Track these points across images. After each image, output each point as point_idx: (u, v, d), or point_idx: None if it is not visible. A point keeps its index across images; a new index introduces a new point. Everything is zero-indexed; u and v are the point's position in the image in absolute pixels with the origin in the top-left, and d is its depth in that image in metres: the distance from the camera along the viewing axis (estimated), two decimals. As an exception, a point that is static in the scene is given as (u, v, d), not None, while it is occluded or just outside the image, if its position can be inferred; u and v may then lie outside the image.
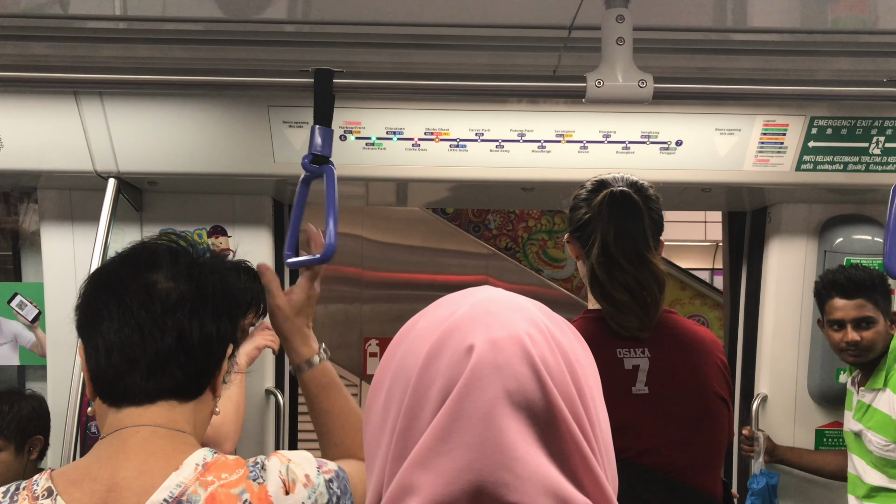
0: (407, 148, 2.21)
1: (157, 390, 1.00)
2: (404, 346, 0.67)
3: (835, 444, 2.63)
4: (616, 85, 1.39)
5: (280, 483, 0.98)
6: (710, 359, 1.63)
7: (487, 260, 6.15)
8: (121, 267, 1.05)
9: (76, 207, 2.45)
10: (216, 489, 0.94)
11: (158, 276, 1.02)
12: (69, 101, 2.12)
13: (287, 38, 2.02)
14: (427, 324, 0.67)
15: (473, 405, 0.60)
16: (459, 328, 0.64)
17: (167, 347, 1.00)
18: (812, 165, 2.27)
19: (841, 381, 2.54)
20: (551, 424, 0.61)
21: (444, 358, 0.63)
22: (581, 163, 2.24)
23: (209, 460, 0.97)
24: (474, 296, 0.68)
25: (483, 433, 0.59)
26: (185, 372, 1.01)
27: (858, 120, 2.21)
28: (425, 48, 2.01)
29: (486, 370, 0.61)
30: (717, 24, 1.99)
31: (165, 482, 0.93)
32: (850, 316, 2.27)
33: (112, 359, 0.99)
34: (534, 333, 0.64)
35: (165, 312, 1.00)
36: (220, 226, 2.51)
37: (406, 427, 0.62)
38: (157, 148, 2.20)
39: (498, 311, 0.65)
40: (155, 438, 0.98)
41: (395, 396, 0.65)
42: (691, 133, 2.22)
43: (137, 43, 2.06)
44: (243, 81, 1.61)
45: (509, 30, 1.80)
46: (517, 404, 0.60)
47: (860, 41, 2.06)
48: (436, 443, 0.60)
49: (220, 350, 1.05)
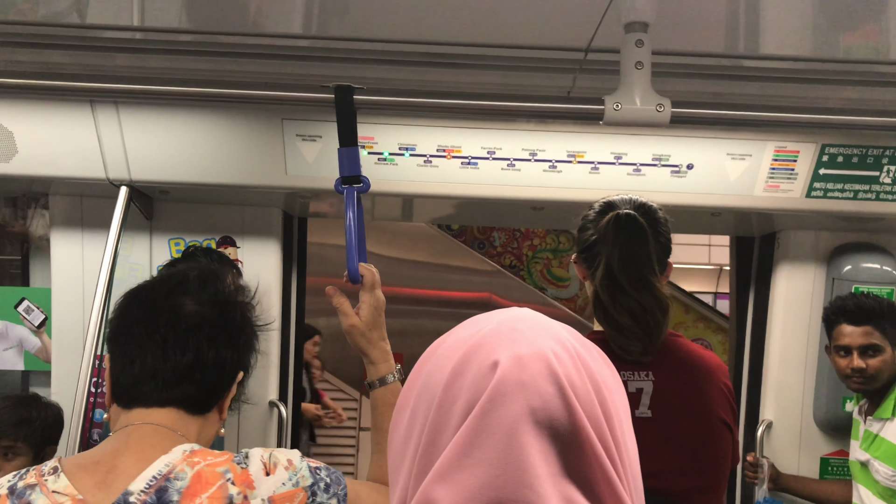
0: (419, 164, 2.22)
1: (168, 398, 1.10)
2: (430, 364, 0.67)
3: (839, 474, 2.62)
4: (634, 108, 1.40)
5: (261, 465, 1.05)
6: (715, 383, 1.62)
7: (491, 277, 6.15)
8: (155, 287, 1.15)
9: (87, 214, 2.45)
10: (202, 468, 1.02)
11: (186, 299, 1.13)
12: (85, 109, 2.13)
13: (302, 52, 2.04)
14: (453, 341, 0.67)
15: (496, 421, 0.59)
16: (485, 345, 0.63)
17: (185, 364, 1.10)
18: (822, 193, 2.27)
19: (847, 409, 2.53)
20: (575, 445, 0.59)
21: (469, 374, 0.62)
22: (592, 184, 2.24)
23: (197, 449, 1.06)
24: (502, 314, 0.68)
25: (505, 450, 0.58)
26: (197, 388, 1.11)
27: (869, 149, 2.22)
28: (440, 66, 2.02)
29: (509, 386, 0.60)
30: (731, 50, 2.00)
31: (154, 463, 1.02)
32: (856, 343, 2.27)
33: (133, 368, 1.09)
34: (560, 352, 0.63)
35: (188, 332, 1.10)
36: (229, 236, 2.51)
37: (430, 443, 0.62)
38: (169, 157, 2.21)
39: (524, 329, 0.65)
40: (156, 434, 1.07)
41: (419, 414, 0.65)
42: (702, 157, 2.22)
43: (153, 53, 2.07)
44: (263, 95, 1.62)
45: (526, 50, 1.81)
46: (540, 422, 0.59)
47: (873, 70, 2.07)
48: (457, 458, 0.59)
49: (231, 373, 1.15)
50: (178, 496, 0.99)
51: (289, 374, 2.71)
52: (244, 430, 2.56)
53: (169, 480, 1.00)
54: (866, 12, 1.77)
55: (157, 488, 0.99)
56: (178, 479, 1.00)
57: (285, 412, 2.57)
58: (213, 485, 1.00)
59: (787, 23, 1.82)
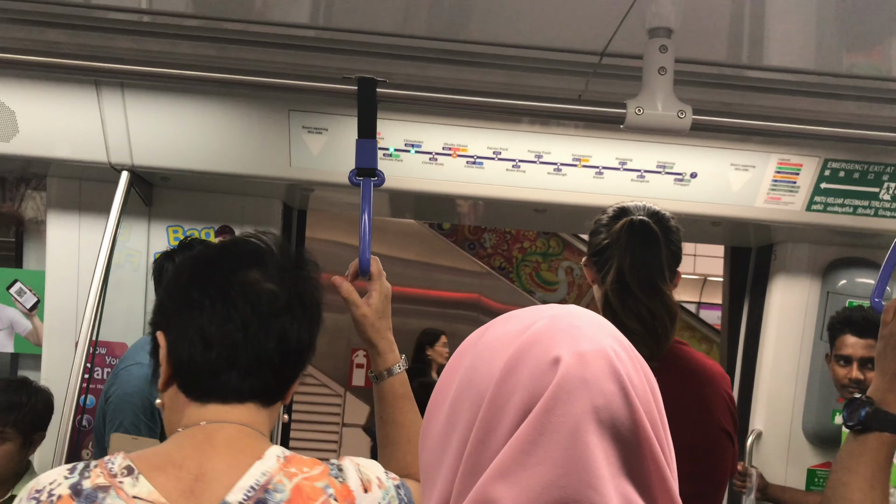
0: (424, 161, 2.21)
1: (249, 391, 0.99)
2: (470, 360, 0.66)
3: (826, 485, 2.64)
4: (655, 114, 1.40)
5: (359, 481, 0.99)
6: (718, 392, 1.64)
7: (481, 278, 6.15)
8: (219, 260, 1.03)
9: (85, 198, 2.42)
10: (301, 481, 0.94)
11: (259, 275, 1.01)
12: (90, 91, 2.10)
13: (309, 42, 2.01)
14: (496, 337, 0.65)
15: (560, 419, 0.58)
16: (541, 340, 0.62)
17: (268, 350, 0.99)
18: (823, 206, 2.29)
19: (836, 421, 2.55)
20: (635, 444, 0.59)
21: (526, 370, 0.61)
22: (595, 188, 2.25)
23: (290, 455, 0.98)
24: (551, 310, 0.67)
25: (570, 449, 0.57)
26: (276, 376, 1.01)
27: (871, 165, 2.24)
28: (453, 63, 2.01)
29: (573, 384, 0.59)
30: (743, 60, 2.01)
31: (250, 470, 0.93)
32: (858, 354, 2.28)
33: (211, 353, 0.97)
34: (619, 350, 0.63)
35: (272, 315, 0.99)
36: (228, 226, 2.49)
37: (481, 441, 0.61)
38: (173, 143, 2.19)
39: (582, 326, 0.64)
40: (242, 436, 0.97)
41: (462, 409, 0.64)
42: (706, 166, 2.23)
43: (158, 37, 2.05)
44: (275, 83, 1.60)
45: (541, 52, 1.80)
46: (603, 422, 0.59)
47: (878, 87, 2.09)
48: (520, 456, 0.58)
49: (308, 357, 1.06)
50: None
51: (282, 367, 2.69)
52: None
53: (268, 492, 0.92)
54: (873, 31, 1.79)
55: (256, 500, 0.91)
56: (277, 492, 0.92)
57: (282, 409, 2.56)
58: (316, 500, 0.94)
59: (796, 35, 1.84)
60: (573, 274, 6.13)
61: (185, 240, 2.33)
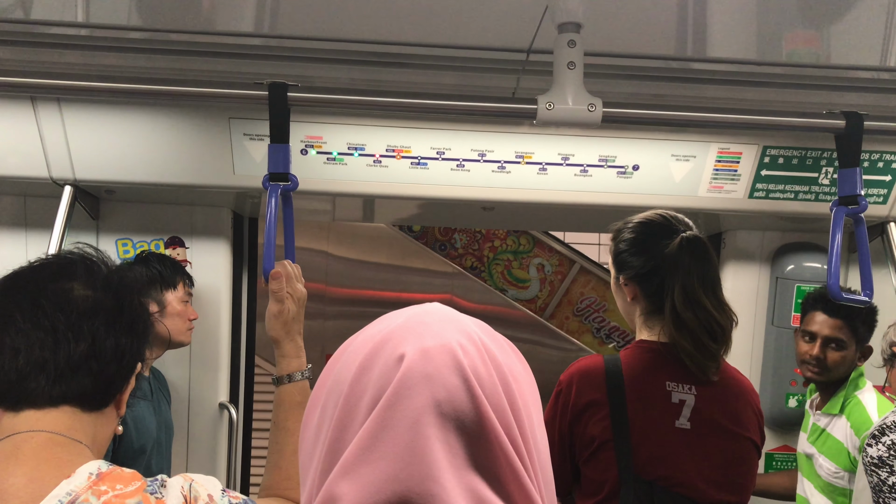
0: (368, 164, 2.22)
1: (61, 395, 0.97)
2: (340, 362, 0.67)
3: (784, 468, 2.67)
4: (566, 108, 1.42)
5: (181, 498, 0.94)
6: (749, 405, 1.70)
7: (453, 279, 6.15)
8: (37, 272, 1.04)
9: (31, 214, 2.41)
10: (109, 499, 0.90)
11: (75, 283, 1.01)
12: (26, 107, 2.09)
13: (254, 51, 2.03)
14: (363, 338, 0.67)
15: (401, 414, 0.59)
16: (392, 339, 0.63)
17: (80, 353, 0.98)
18: (764, 193, 2.32)
19: (790, 405, 2.59)
20: (481, 436, 0.59)
21: (376, 368, 0.62)
22: (540, 184, 2.26)
23: (104, 470, 0.94)
24: (412, 310, 0.68)
25: (410, 443, 0.58)
26: (94, 380, 1.00)
27: (809, 151, 2.27)
28: (391, 66, 2.02)
29: (415, 379, 0.60)
30: (677, 52, 2.04)
31: (55, 490, 0.89)
32: (824, 332, 2.30)
33: (17, 360, 0.96)
34: (466, 344, 0.63)
35: (81, 318, 0.99)
36: (177, 237, 2.49)
37: (336, 439, 0.61)
38: (115, 156, 2.18)
39: (430, 322, 0.65)
40: (51, 445, 0.95)
41: (328, 411, 0.64)
42: (648, 158, 2.26)
43: (99, 50, 2.04)
44: (197, 92, 1.60)
45: (471, 51, 1.82)
46: (446, 414, 0.59)
47: (813, 74, 2.12)
48: (362, 452, 0.59)
49: (130, 363, 1.04)
50: None
51: (240, 375, 2.68)
52: (193, 432, 2.53)
53: None
54: (805, 17, 1.83)
55: None
56: None
57: (235, 414, 2.55)
58: None
59: (727, 26, 1.87)
60: (544, 271, 6.16)
61: (141, 254, 2.33)
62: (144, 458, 2.17)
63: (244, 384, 2.71)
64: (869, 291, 1.82)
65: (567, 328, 6.08)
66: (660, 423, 1.59)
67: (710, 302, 1.60)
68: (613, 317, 6.00)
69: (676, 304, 1.60)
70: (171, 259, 2.35)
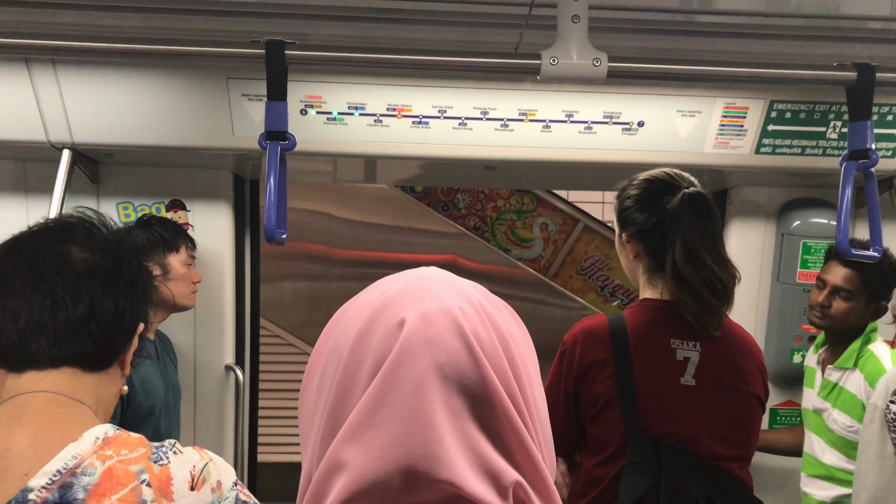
0: (369, 124, 2.19)
1: (61, 356, 0.99)
2: (338, 328, 0.66)
3: (788, 423, 2.69)
4: (570, 63, 1.39)
5: (188, 476, 0.94)
6: (753, 361, 1.70)
7: (456, 239, 6.14)
8: (35, 236, 1.05)
9: (31, 179, 2.39)
10: (114, 464, 0.91)
11: (73, 246, 1.03)
12: (20, 69, 2.06)
13: (251, 9, 1.98)
14: (361, 303, 0.66)
15: (404, 378, 0.59)
16: (392, 304, 0.63)
17: (78, 315, 1.00)
18: (771, 149, 2.29)
19: (795, 361, 2.59)
20: (484, 398, 0.60)
21: (376, 334, 0.62)
22: (544, 142, 2.23)
23: (110, 435, 0.95)
24: (409, 274, 0.68)
25: (413, 406, 0.58)
26: (94, 341, 1.01)
27: (817, 104, 2.24)
28: (391, 22, 1.98)
29: (416, 343, 0.60)
30: (682, 5, 1.99)
31: (61, 452, 0.90)
32: (834, 281, 2.28)
33: (18, 322, 0.98)
34: (466, 308, 0.63)
35: (79, 280, 1.00)
36: (178, 200, 2.47)
37: (337, 405, 0.62)
38: (113, 119, 2.15)
39: (430, 287, 0.65)
40: (53, 406, 0.96)
41: (327, 377, 0.64)
42: (653, 114, 2.22)
43: (95, 10, 2.00)
44: (193, 51, 1.57)
45: (473, 5, 1.78)
46: (448, 377, 0.59)
47: (822, 26, 2.07)
48: (366, 417, 0.59)
49: (131, 325, 1.06)
50: (85, 494, 0.88)
51: (245, 337, 2.69)
52: (200, 394, 2.55)
53: (75, 476, 0.89)
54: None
55: (61, 484, 0.88)
56: (85, 475, 0.89)
57: (242, 376, 2.57)
58: (126, 486, 0.89)
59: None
60: (548, 230, 6.14)
61: (142, 218, 2.32)
62: (153, 419, 2.19)
63: (249, 346, 2.72)
64: (878, 247, 1.80)
65: (571, 287, 6.08)
66: (665, 381, 1.60)
67: (710, 257, 1.60)
68: (617, 275, 5.99)
69: (677, 259, 1.59)
70: (173, 222, 2.33)
